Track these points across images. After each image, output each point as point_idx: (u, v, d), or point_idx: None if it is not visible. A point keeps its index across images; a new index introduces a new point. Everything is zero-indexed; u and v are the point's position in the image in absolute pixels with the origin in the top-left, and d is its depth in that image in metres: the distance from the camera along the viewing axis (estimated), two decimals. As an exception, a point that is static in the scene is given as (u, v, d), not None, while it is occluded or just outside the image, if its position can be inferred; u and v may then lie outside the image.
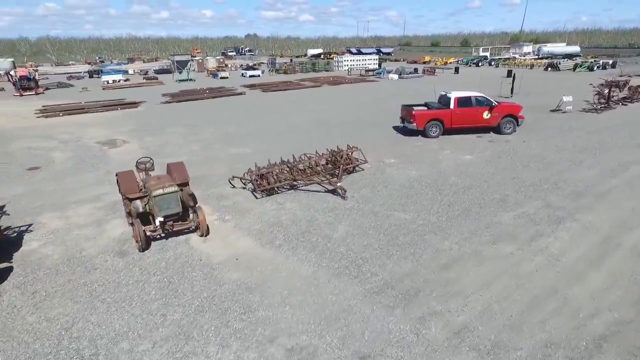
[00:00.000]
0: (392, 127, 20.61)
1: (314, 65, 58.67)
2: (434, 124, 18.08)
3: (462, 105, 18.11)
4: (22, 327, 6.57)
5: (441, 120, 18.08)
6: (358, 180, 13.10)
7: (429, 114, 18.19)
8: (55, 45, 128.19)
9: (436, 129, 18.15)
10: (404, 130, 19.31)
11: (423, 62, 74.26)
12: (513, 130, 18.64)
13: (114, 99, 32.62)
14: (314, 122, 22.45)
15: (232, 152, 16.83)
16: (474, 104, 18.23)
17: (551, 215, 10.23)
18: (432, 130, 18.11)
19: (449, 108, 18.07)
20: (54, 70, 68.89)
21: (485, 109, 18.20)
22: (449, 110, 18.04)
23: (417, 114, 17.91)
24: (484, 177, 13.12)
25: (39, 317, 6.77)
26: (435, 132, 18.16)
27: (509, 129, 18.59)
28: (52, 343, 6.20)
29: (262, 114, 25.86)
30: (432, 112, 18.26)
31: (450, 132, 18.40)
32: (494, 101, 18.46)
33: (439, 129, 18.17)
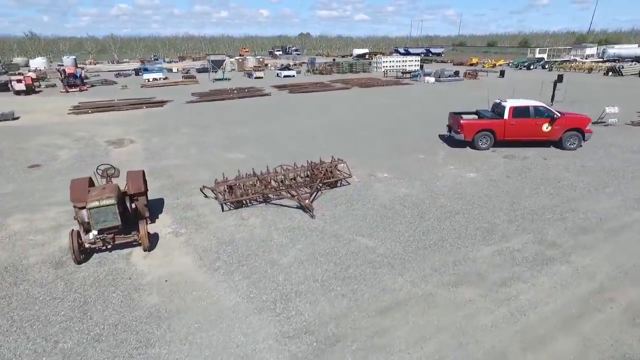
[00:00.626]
0: (402, 135, 19.26)
1: (351, 66, 57.46)
2: (484, 134, 16.52)
3: (519, 115, 16.35)
4: None
5: (493, 130, 16.50)
6: (338, 196, 12.14)
7: (479, 123, 16.67)
8: (118, 44, 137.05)
9: (486, 140, 16.60)
10: (450, 140, 17.94)
11: (470, 64, 70.45)
12: (578, 145, 16.57)
13: (143, 98, 33.74)
14: (325, 128, 21.59)
15: (226, 157, 16.46)
16: (532, 115, 16.36)
17: (539, 254, 8.72)
18: (482, 142, 16.60)
19: (503, 118, 16.41)
20: (107, 68, 73.33)
21: (546, 120, 16.29)
22: (503, 121, 16.38)
23: (465, 124, 16.46)
24: (479, 200, 11.64)
25: (-60, 331, 6.63)
26: (486, 144, 16.63)
27: (573, 145, 16.56)
28: None
29: (279, 116, 25.40)
30: (483, 122, 16.72)
31: (503, 144, 16.80)
32: (556, 112, 16.46)
33: (490, 140, 16.61)
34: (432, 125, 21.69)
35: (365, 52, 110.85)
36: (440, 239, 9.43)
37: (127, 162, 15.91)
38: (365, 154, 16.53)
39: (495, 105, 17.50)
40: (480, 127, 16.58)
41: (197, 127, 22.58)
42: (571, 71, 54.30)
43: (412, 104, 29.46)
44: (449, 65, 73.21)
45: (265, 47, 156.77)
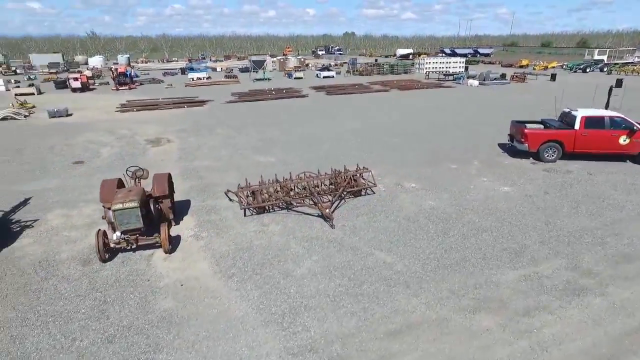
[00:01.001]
0: (436, 143, 18.63)
1: (392, 67, 56.50)
2: (551, 145, 15.54)
3: (591, 126, 15.29)
4: (-42, 328, 6.99)
5: (561, 142, 15.51)
6: (362, 206, 11.92)
7: (546, 133, 15.69)
8: (169, 43, 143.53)
9: (554, 151, 15.60)
10: (511, 150, 17.02)
11: (519, 66, 67.09)
12: None
13: (185, 97, 35.01)
14: (358, 132, 21.34)
15: (257, 160, 16.66)
16: (607, 126, 15.32)
17: (571, 282, 8.07)
18: (548, 153, 15.62)
19: (573, 128, 15.40)
20: (157, 66, 76.88)
21: (623, 132, 15.17)
22: (573, 132, 15.35)
23: (529, 133, 15.56)
24: (511, 217, 10.99)
25: (-26, 320, 7.16)
26: (552, 156, 15.64)
27: None
28: (-36, 352, 6.47)
29: (313, 119, 25.43)
30: (550, 132, 15.73)
31: (572, 157, 15.81)
32: (636, 124, 15.30)
33: (558, 152, 15.63)
34: (470, 132, 20.83)
35: (409, 52, 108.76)
36: (462, 259, 8.98)
37: (161, 161, 16.54)
38: (396, 161, 16.14)
39: (565, 115, 16.48)
40: (547, 138, 15.54)
41: (232, 128, 23.07)
42: (633, 75, 50.30)
43: (451, 108, 28.46)
44: (497, 67, 70.17)
45: (309, 46, 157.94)
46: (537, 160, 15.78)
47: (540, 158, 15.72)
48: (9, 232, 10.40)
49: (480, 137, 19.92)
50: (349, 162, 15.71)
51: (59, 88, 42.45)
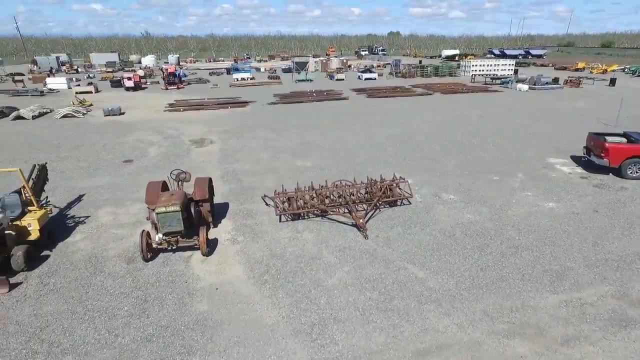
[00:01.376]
0: (479, 152, 18.04)
1: (436, 70, 55.12)
2: (635, 162, 14.49)
3: None
4: (14, 317, 7.69)
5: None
6: (397, 216, 11.81)
7: (629, 148, 14.53)
8: (216, 42, 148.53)
9: (638, 168, 14.57)
10: (587, 164, 15.99)
11: (574, 69, 63.24)
12: None
13: (229, 97, 36.07)
14: (397, 138, 21.09)
15: (294, 165, 16.92)
16: None
17: (618, 312, 7.59)
18: (632, 170, 14.56)
19: None
20: (204, 66, 79.69)
21: None
22: None
23: (611, 148, 14.46)
24: (554, 236, 10.47)
25: (31, 311, 7.83)
26: (637, 172, 14.59)
27: None
28: (20, 340, 7.11)
29: (352, 123, 25.42)
30: (634, 147, 14.54)
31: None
32: None
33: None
34: (516, 141, 19.97)
35: (455, 53, 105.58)
36: (499, 278, 8.68)
37: (203, 163, 17.21)
38: (435, 170, 15.82)
39: None
40: (632, 153, 14.44)
41: (272, 130, 23.53)
42: None
43: (497, 114, 27.40)
44: (549, 70, 66.58)
45: (353, 46, 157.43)
46: (619, 176, 14.72)
47: (622, 174, 14.62)
48: (65, 227, 11.26)
49: (526, 147, 19.06)
50: (386, 169, 15.63)
51: (114, 87, 45.14)
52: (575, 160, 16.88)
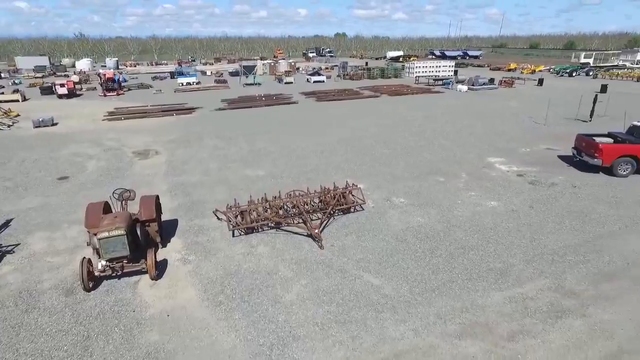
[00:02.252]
0: (426, 154, 18.76)
1: (382, 72, 56.71)
2: (626, 160, 15.32)
3: None
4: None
5: (636, 157, 15.33)
6: (351, 224, 11.96)
7: (621, 148, 15.40)
8: (158, 44, 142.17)
9: (628, 166, 15.38)
10: (577, 163, 16.89)
11: (508, 69, 67.82)
12: None
13: (175, 104, 34.74)
14: (348, 142, 21.38)
15: (246, 174, 16.60)
16: None
17: (554, 304, 8.20)
18: (622, 168, 15.40)
19: None
20: (146, 70, 76.13)
21: None
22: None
23: (605, 148, 15.29)
24: (497, 234, 11.12)
25: (-45, 358, 7.02)
26: (626, 171, 15.41)
27: None
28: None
29: (302, 127, 25.42)
30: (626, 147, 15.43)
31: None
32: None
33: (632, 167, 15.39)
34: (458, 142, 20.99)
35: (399, 54, 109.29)
36: (449, 280, 9.07)
37: (148, 176, 16.41)
38: (385, 174, 16.22)
39: (635, 128, 16.39)
40: (623, 152, 15.28)
41: (221, 138, 22.95)
42: (618, 79, 51.18)
43: (440, 116, 28.67)
44: (486, 70, 70.85)
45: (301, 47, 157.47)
46: (610, 175, 15.55)
47: (613, 173, 15.48)
48: (-8, 257, 10.22)
49: (468, 147, 20.11)
50: (339, 175, 15.82)
51: (45, 94, 41.79)
52: (511, 158, 18.06)
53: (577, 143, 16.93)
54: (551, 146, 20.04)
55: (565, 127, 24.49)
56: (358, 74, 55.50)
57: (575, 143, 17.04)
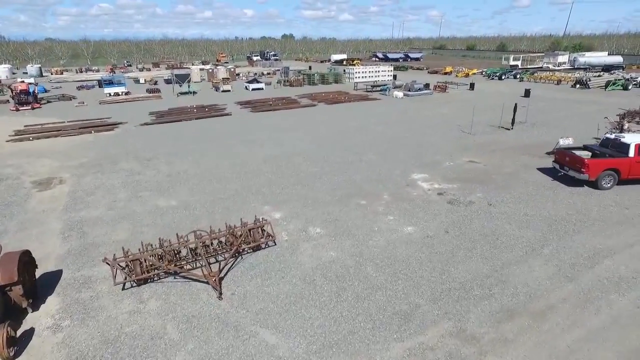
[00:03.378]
0: (352, 172, 18.37)
1: (323, 77, 56.51)
2: (609, 174, 15.78)
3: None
4: None
5: (617, 170, 15.78)
6: (259, 263, 11.14)
7: (605, 162, 15.81)
8: (90, 47, 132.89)
9: (610, 179, 15.85)
10: (558, 176, 17.25)
11: (444, 73, 70.37)
12: None
13: (95, 119, 32.13)
14: (274, 161, 20.57)
15: (156, 205, 15.26)
16: None
17: (454, 354, 7.86)
18: (606, 181, 15.84)
19: (627, 156, 15.74)
20: (74, 77, 70.69)
21: None
22: (628, 159, 15.69)
23: (591, 163, 15.60)
24: (408, 268, 10.78)
25: None
26: (609, 183, 15.88)
27: None
28: None
29: (231, 144, 24.26)
30: (609, 161, 15.87)
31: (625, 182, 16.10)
32: None
33: (614, 180, 15.88)
34: (386, 157, 20.85)
35: (343, 57, 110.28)
36: (351, 331, 8.50)
37: (42, 213, 14.61)
38: (306, 198, 15.58)
39: (610, 141, 16.77)
40: (606, 166, 15.72)
41: (139, 160, 21.27)
42: (541, 82, 54.56)
43: (373, 127, 28.65)
44: (424, 74, 73.06)
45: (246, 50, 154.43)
46: (595, 188, 15.87)
47: (597, 186, 15.88)
48: None
49: (395, 162, 20.01)
50: (258, 201, 15.13)
51: (-55, 110, 37.20)
52: (435, 174, 18.12)
53: (559, 158, 17.32)
54: (474, 158, 20.43)
55: (490, 135, 25.29)
56: (298, 80, 54.86)
57: (557, 157, 17.49)
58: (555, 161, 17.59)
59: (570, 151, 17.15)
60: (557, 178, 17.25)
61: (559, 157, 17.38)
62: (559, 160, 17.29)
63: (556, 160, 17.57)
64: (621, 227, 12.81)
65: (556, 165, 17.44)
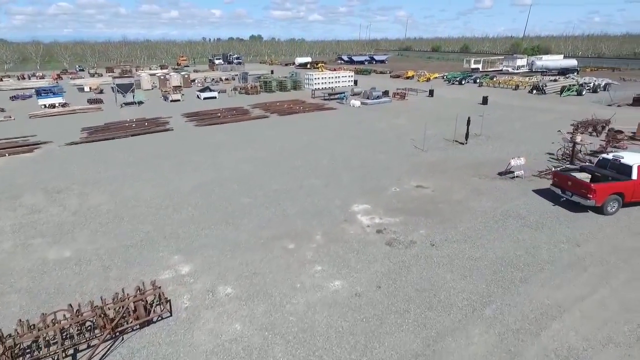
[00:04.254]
0: (287, 204, 16.38)
1: (280, 84, 54.27)
2: (615, 198, 14.83)
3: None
4: None
5: (622, 193, 14.88)
6: (141, 348, 8.95)
7: (611, 186, 14.80)
8: (40, 51, 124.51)
9: (615, 204, 14.91)
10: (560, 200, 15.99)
11: (406, 77, 69.65)
12: None
13: (15, 138, 28.74)
14: (205, 190, 18.34)
15: (44, 259, 12.74)
16: None
17: None
18: (611, 206, 14.87)
19: (630, 178, 14.89)
20: (14, 85, 65.34)
21: None
22: (632, 182, 14.85)
23: (598, 188, 14.49)
24: (326, 346, 8.89)
25: None
26: (614, 208, 14.93)
27: None
28: None
29: (160, 169, 21.79)
30: (615, 185, 14.89)
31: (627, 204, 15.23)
32: None
33: (619, 204, 14.96)
34: (329, 182, 18.97)
35: (307, 61, 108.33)
36: None
37: None
38: (225, 242, 13.49)
39: (608, 162, 15.91)
40: (613, 191, 14.73)
41: (48, 192, 18.50)
42: (500, 87, 54.53)
43: (323, 143, 26.82)
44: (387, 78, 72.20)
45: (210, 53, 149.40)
46: (600, 213, 14.86)
47: (602, 212, 14.85)
48: None
49: (336, 190, 18.20)
50: (168, 250, 12.91)
51: None
52: (377, 203, 16.43)
53: (558, 181, 16.09)
54: (422, 182, 18.91)
55: (443, 151, 23.97)
56: (255, 87, 52.43)
57: (555, 181, 16.27)
58: (555, 185, 16.35)
59: (570, 174, 16.05)
60: (508, 205, 15.90)
61: (558, 181, 16.19)
62: (559, 184, 16.06)
63: (555, 184, 16.34)
64: (572, 273, 11.43)
65: (556, 189, 16.20)
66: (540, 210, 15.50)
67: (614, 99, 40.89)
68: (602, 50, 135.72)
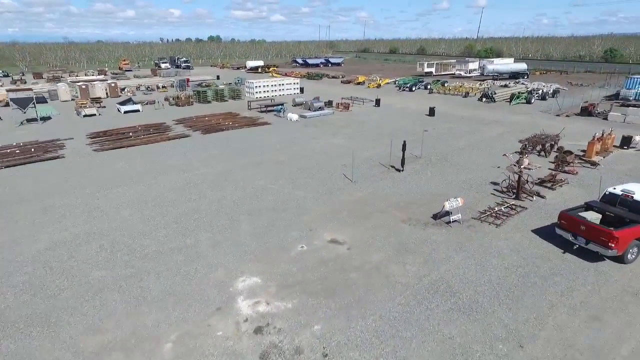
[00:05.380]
0: (149, 280, 12.06)
1: (217, 94, 49.33)
2: (636, 244, 12.79)
3: None
4: None
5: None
6: None
7: (632, 232, 12.55)
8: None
9: (635, 249, 12.90)
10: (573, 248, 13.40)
11: (357, 83, 66.52)
12: None
13: None
14: (89, 244, 13.67)
15: None
16: None
17: None
18: (632, 252, 12.85)
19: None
20: None
21: None
22: None
23: (621, 235, 12.20)
24: None
25: None
26: (634, 255, 12.95)
27: None
28: None
29: (32, 214, 16.83)
30: (636, 230, 12.60)
31: None
32: None
33: (639, 249, 12.96)
34: (222, 236, 14.76)
35: (259, 64, 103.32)
36: None
37: None
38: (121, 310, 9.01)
39: (617, 198, 13.75)
40: (635, 236, 12.66)
41: None
42: (449, 94, 52.37)
43: (239, 173, 22.62)
44: (338, 83, 68.86)
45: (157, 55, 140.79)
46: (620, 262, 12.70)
47: (623, 260, 12.76)
48: None
49: (226, 251, 14.08)
50: None
51: None
52: (270, 274, 12.45)
53: (568, 225, 13.50)
54: (339, 233, 15.17)
55: (374, 183, 20.39)
56: (188, 98, 47.26)
57: (565, 225, 13.63)
58: (564, 229, 13.54)
59: (581, 217, 13.52)
60: (436, 276, 12.36)
61: (568, 225, 13.41)
62: (570, 228, 13.31)
63: (564, 227, 13.53)
64: None
65: (565, 233, 13.63)
66: (476, 280, 12.09)
67: (562, 108, 39.28)
68: (550, 52, 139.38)
